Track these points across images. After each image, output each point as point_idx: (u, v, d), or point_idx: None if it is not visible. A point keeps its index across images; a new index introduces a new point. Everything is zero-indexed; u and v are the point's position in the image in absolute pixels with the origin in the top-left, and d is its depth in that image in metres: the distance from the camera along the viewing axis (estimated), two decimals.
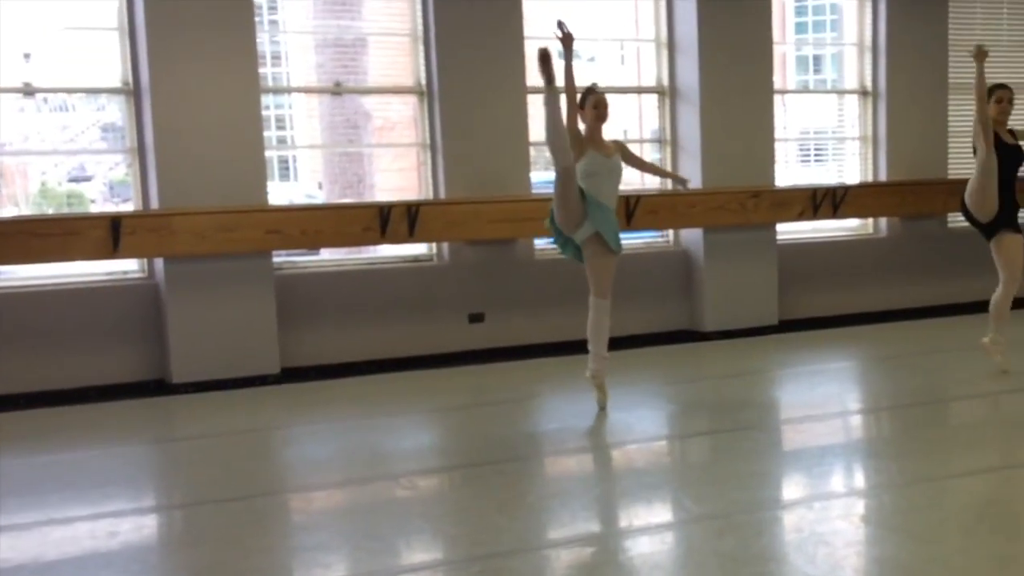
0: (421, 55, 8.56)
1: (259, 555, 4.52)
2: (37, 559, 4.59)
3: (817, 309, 9.94)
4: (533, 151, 8.78)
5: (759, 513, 4.83)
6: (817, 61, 11.16)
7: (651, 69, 9.51)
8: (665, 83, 9.46)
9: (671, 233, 9.62)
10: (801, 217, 9.60)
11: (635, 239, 9.29)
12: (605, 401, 6.77)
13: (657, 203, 9.04)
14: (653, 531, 4.75)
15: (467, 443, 6.40)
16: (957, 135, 10.17)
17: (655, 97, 9.53)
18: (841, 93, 10.43)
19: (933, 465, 5.58)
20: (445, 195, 8.53)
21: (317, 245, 8.27)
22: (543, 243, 8.77)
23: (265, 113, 8.16)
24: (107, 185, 8.57)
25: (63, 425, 7.04)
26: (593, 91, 6.61)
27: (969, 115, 7.48)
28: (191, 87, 7.70)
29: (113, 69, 7.83)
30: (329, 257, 8.63)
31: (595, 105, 6.55)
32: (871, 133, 10.24)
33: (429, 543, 4.70)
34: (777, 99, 9.77)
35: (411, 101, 8.68)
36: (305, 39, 8.93)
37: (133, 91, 7.78)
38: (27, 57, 8.03)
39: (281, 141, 9.19)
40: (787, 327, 9.59)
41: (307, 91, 8.91)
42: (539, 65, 6.26)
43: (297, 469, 6.12)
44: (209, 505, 5.24)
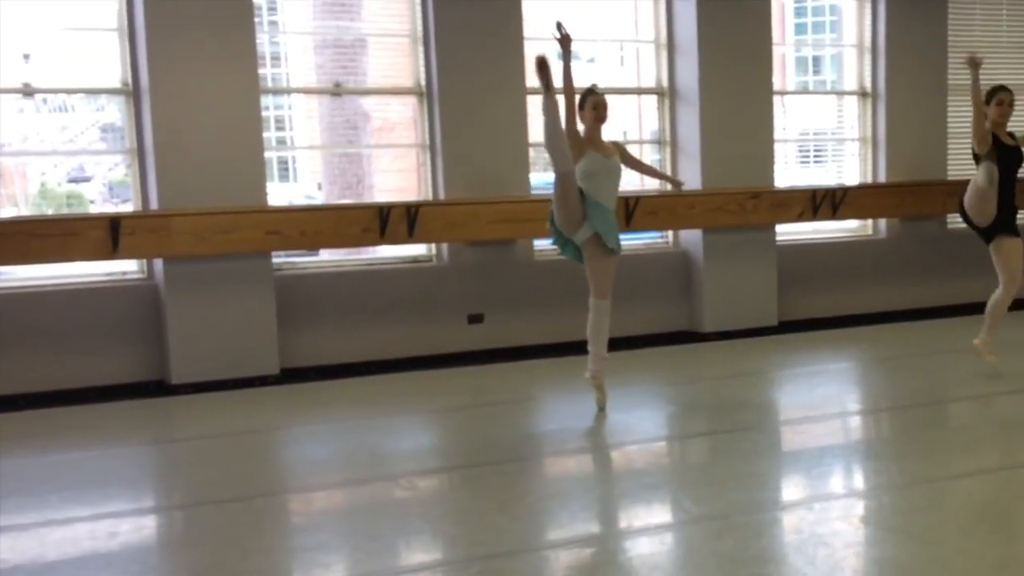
0: (420, 56, 8.56)
1: (258, 556, 4.52)
2: (37, 560, 4.59)
3: (816, 310, 9.94)
4: (532, 152, 8.77)
5: (758, 514, 4.83)
6: (816, 62, 11.16)
7: (650, 70, 9.52)
8: (664, 84, 9.47)
9: (670, 234, 9.62)
10: (800, 218, 9.60)
11: (635, 240, 9.28)
12: (604, 402, 6.77)
13: (657, 204, 9.04)
14: (652, 532, 4.75)
15: (466, 444, 6.40)
16: (956, 136, 10.17)
17: (654, 98, 9.53)
18: (840, 94, 10.43)
19: (932, 466, 5.58)
20: (444, 196, 8.53)
21: (316, 246, 8.27)
22: (542, 244, 8.77)
23: (265, 114, 8.17)
24: (106, 186, 8.57)
25: (62, 426, 7.04)
26: (593, 92, 6.60)
27: (968, 116, 7.47)
28: (191, 88, 7.70)
29: (113, 70, 7.84)
30: (328, 258, 8.63)
31: (594, 106, 6.55)
32: (870, 134, 10.24)
33: (428, 544, 4.70)
34: (776, 100, 9.77)
35: (410, 102, 8.68)
36: (305, 40, 8.93)
37: (133, 92, 7.79)
38: (27, 58, 8.03)
39: (281, 142, 9.19)
40: (786, 328, 9.59)
41: (307, 92, 8.91)
42: (537, 72, 6.23)
43: (296, 470, 6.12)
44: (209, 506, 5.24)
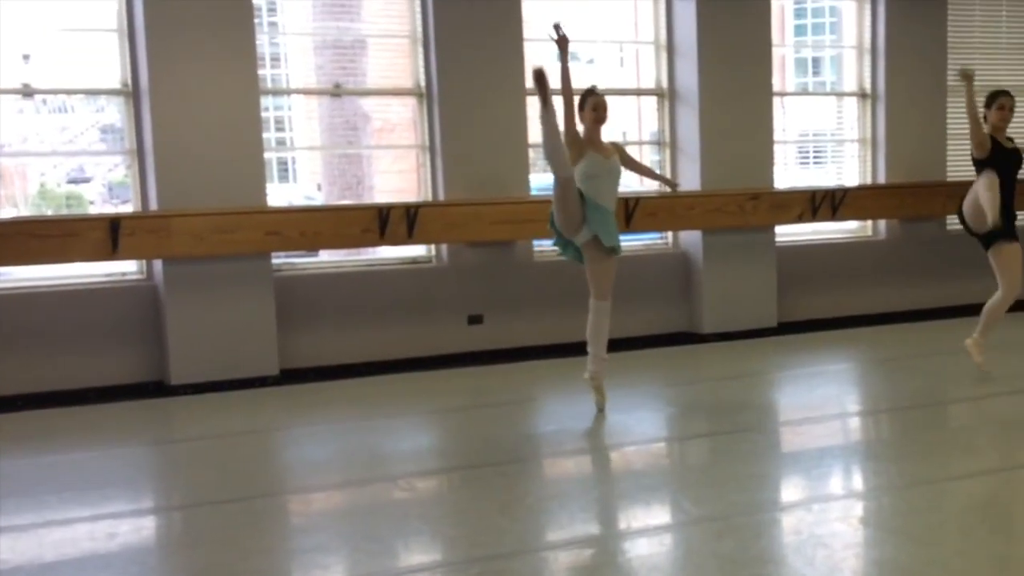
0: (420, 57, 8.56)
1: (258, 557, 4.52)
2: (36, 560, 4.59)
3: (816, 311, 9.94)
4: (532, 153, 8.77)
5: (758, 515, 4.83)
6: (816, 63, 11.17)
7: (650, 71, 9.52)
8: (664, 85, 9.47)
9: (670, 235, 9.62)
10: (800, 219, 9.60)
11: (634, 241, 9.28)
12: (604, 403, 6.77)
13: (656, 205, 9.04)
14: (652, 533, 4.75)
15: (466, 445, 6.40)
16: (956, 137, 10.16)
17: (654, 99, 9.53)
18: (840, 95, 10.43)
19: (932, 467, 5.58)
20: (444, 197, 8.53)
21: (316, 247, 8.27)
22: (542, 245, 8.77)
23: (264, 115, 8.17)
24: (106, 186, 8.56)
25: (62, 427, 7.04)
26: (592, 93, 6.60)
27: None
28: (190, 88, 7.70)
29: (112, 70, 7.84)
30: (328, 259, 8.63)
31: (594, 107, 6.55)
32: (870, 135, 10.24)
33: (428, 545, 4.70)
34: (776, 101, 9.77)
35: (410, 103, 8.68)
36: (304, 41, 8.93)
37: (132, 92, 7.79)
38: (26, 58, 8.03)
39: (280, 143, 9.19)
40: (786, 329, 9.59)
41: (306, 93, 8.91)
42: (535, 85, 6.20)
43: (296, 471, 6.12)
44: (208, 507, 5.24)
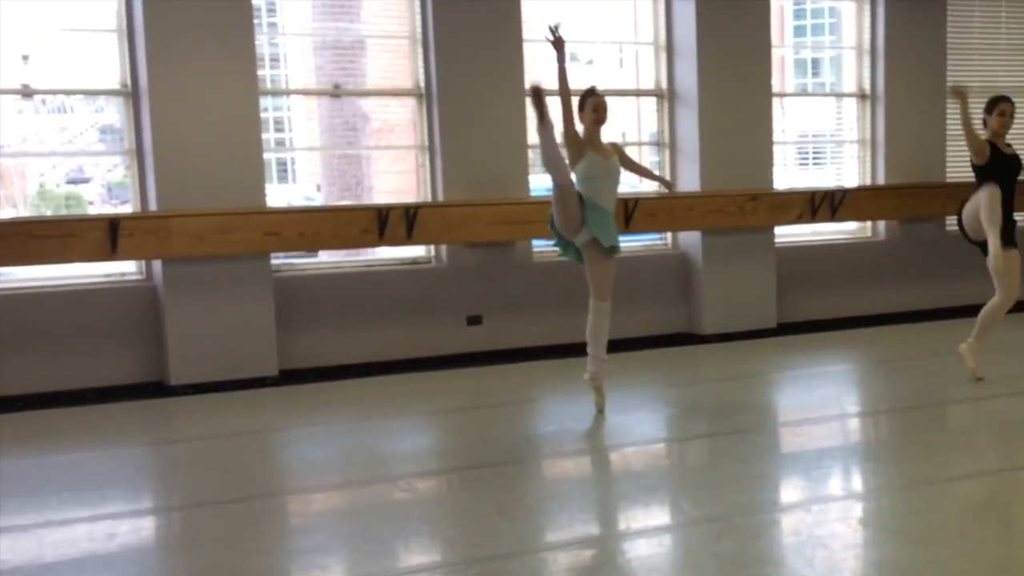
0: (420, 57, 8.56)
1: (257, 557, 4.52)
2: (35, 561, 4.58)
3: (815, 312, 9.94)
4: (532, 154, 8.77)
5: (757, 516, 4.83)
6: (815, 64, 11.17)
7: (650, 72, 9.52)
8: (664, 86, 9.47)
9: (669, 236, 9.63)
10: (799, 220, 9.61)
11: (634, 242, 9.28)
12: (603, 404, 6.77)
13: (656, 206, 9.04)
14: (651, 534, 4.75)
15: (465, 445, 6.40)
16: (955, 138, 10.14)
17: (654, 100, 9.53)
18: (839, 96, 10.43)
19: (931, 468, 5.58)
20: (443, 197, 8.53)
21: (315, 247, 8.27)
22: (541, 246, 8.77)
23: (264, 115, 8.17)
24: (105, 187, 8.56)
25: (61, 427, 7.03)
26: (592, 93, 6.60)
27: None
28: (190, 89, 7.70)
29: (112, 71, 7.84)
30: (327, 259, 8.63)
31: (594, 108, 6.55)
32: (869, 136, 10.24)
33: (427, 545, 4.70)
34: (776, 102, 9.77)
35: (410, 103, 8.68)
36: (304, 41, 8.93)
37: (132, 93, 7.79)
38: (25, 59, 8.03)
39: (280, 143, 9.19)
40: (785, 330, 9.60)
41: (306, 93, 8.91)
42: (532, 100, 6.21)
43: (295, 471, 6.12)
44: (207, 507, 5.24)
